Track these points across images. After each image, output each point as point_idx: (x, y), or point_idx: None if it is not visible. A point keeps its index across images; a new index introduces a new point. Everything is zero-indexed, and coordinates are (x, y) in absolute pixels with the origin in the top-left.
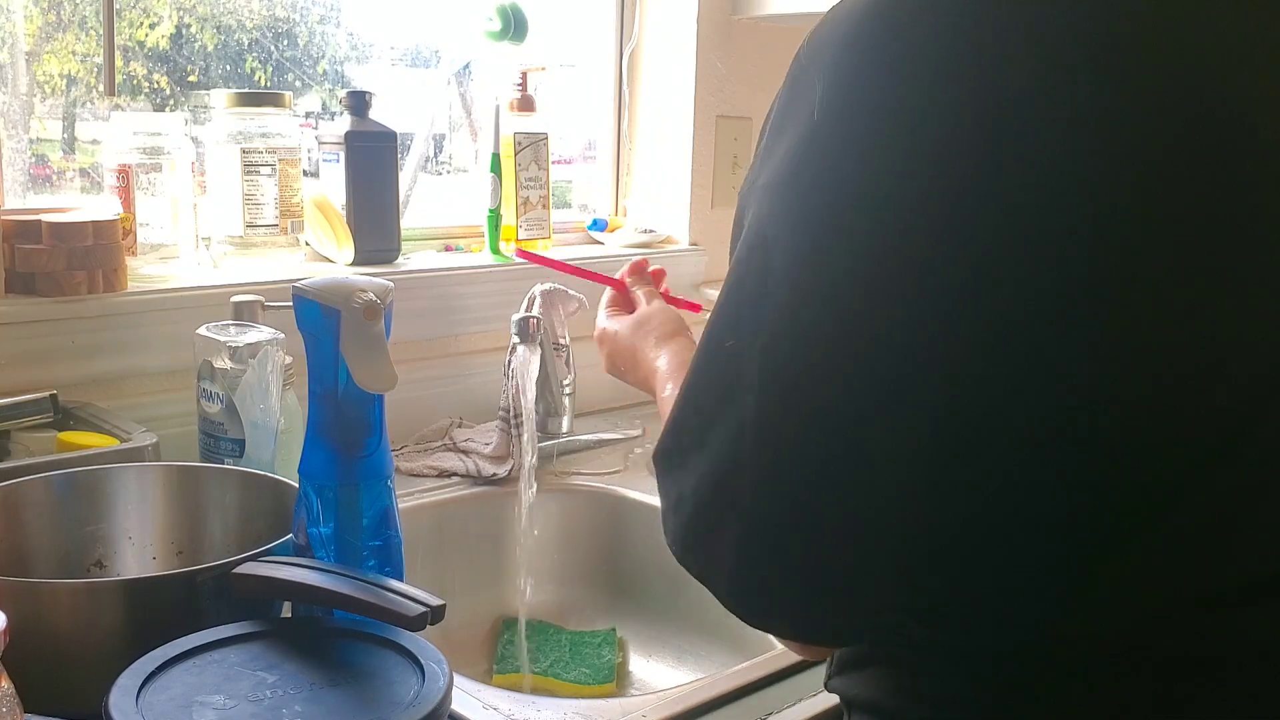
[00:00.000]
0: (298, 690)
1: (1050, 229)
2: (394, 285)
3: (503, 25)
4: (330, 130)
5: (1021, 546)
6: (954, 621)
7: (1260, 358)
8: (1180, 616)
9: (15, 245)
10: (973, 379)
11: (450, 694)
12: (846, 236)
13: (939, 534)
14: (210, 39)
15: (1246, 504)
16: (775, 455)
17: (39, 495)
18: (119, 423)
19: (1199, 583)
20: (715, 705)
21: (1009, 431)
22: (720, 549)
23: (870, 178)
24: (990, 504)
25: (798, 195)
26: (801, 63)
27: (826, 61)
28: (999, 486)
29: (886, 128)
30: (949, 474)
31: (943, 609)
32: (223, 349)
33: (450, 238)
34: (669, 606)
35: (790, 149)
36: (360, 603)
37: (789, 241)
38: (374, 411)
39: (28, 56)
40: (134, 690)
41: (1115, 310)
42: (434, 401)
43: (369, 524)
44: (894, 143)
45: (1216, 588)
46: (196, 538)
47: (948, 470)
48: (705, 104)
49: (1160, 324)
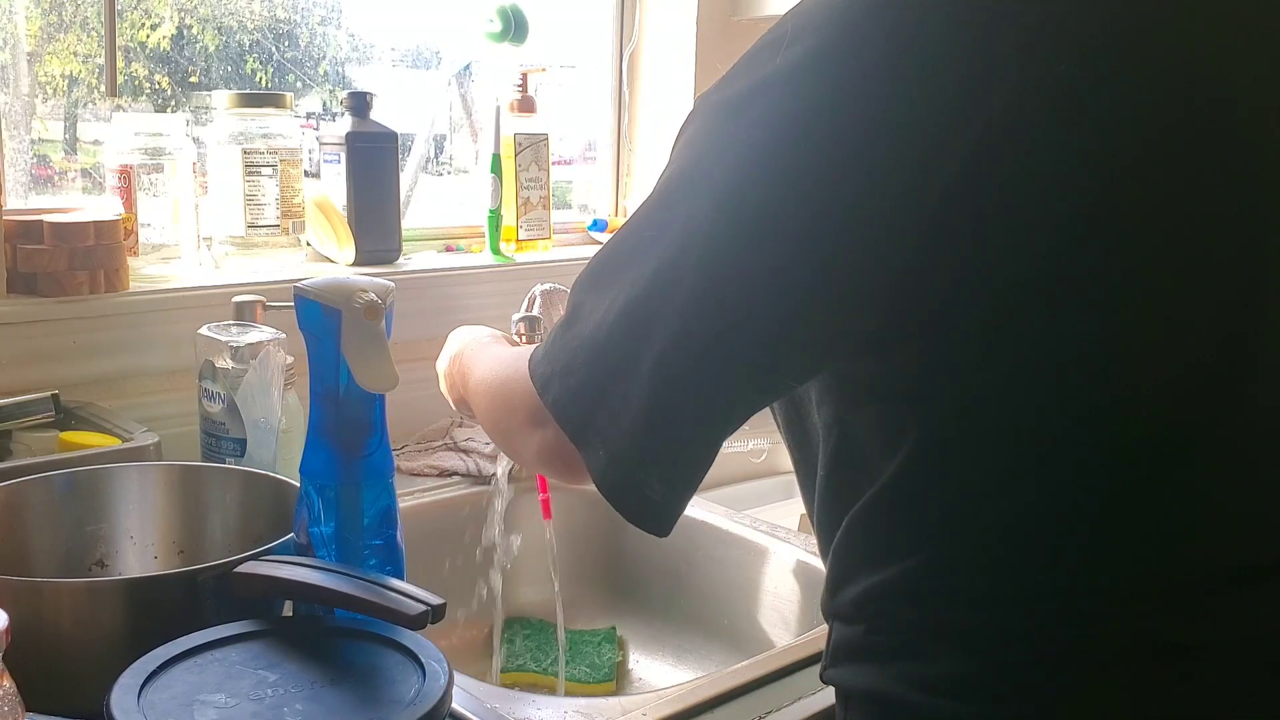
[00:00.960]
0: (299, 689)
1: (1037, 221)
2: (395, 285)
3: (503, 26)
4: (331, 131)
5: (1014, 531)
6: (945, 606)
7: (1243, 349)
8: (1175, 601)
9: (17, 245)
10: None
11: (451, 692)
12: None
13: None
14: (211, 40)
15: (1233, 491)
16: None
17: (40, 495)
18: (120, 422)
19: (1192, 568)
20: (715, 704)
21: (1002, 423)
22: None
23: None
24: (986, 489)
25: (742, 123)
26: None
27: (815, 26)
28: (995, 472)
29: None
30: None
31: (935, 591)
32: (224, 349)
33: (451, 238)
34: (669, 606)
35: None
36: (361, 602)
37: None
38: (375, 411)
39: (29, 57)
40: (135, 689)
41: (1104, 303)
42: (435, 401)
43: (370, 523)
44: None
45: (1209, 573)
46: (198, 537)
47: (946, 464)
48: None
49: (1146, 315)
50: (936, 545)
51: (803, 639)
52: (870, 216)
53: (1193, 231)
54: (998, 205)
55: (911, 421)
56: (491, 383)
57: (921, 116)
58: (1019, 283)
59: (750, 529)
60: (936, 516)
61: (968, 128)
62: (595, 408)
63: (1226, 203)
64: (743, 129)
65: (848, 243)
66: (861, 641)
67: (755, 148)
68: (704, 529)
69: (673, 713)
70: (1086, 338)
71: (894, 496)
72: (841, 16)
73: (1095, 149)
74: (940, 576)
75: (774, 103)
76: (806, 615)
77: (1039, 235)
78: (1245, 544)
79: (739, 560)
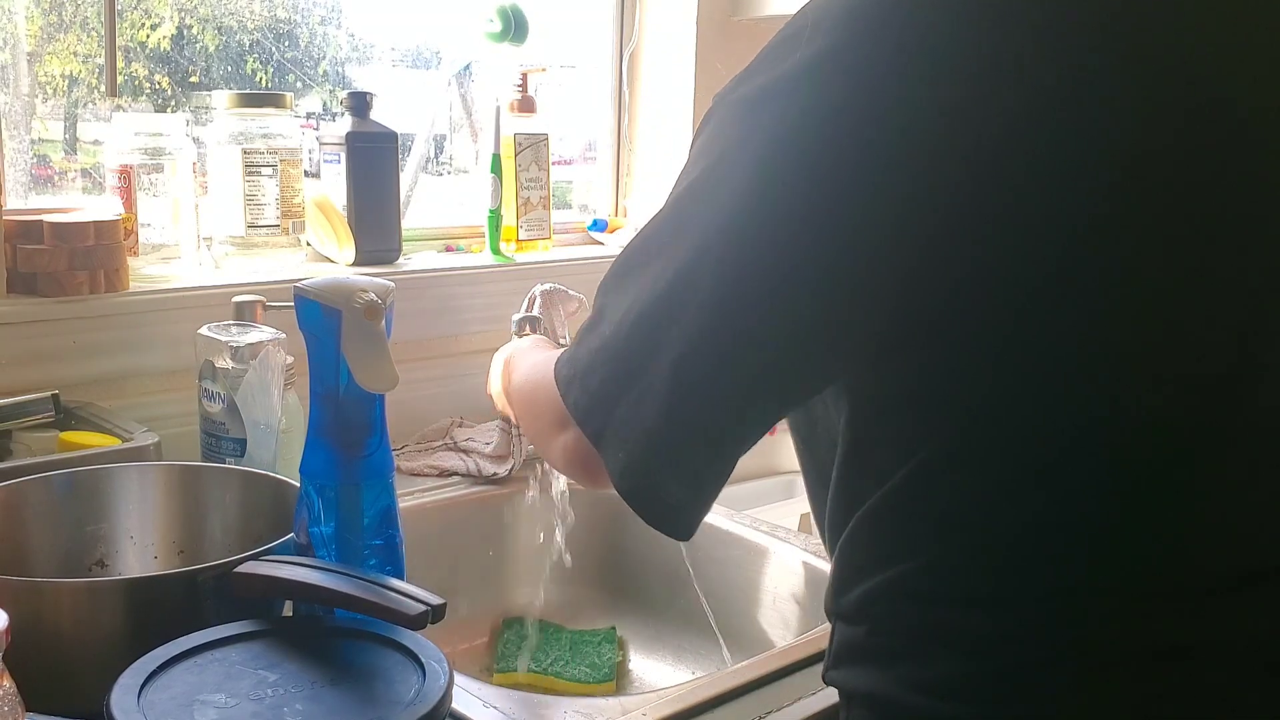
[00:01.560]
0: (299, 689)
1: (1041, 225)
2: (395, 285)
3: (503, 26)
4: (331, 131)
5: (1018, 534)
6: (946, 606)
7: (1245, 351)
8: (1175, 602)
9: (17, 245)
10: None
11: (451, 692)
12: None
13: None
14: (211, 40)
15: (1235, 493)
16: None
17: (40, 495)
18: (120, 422)
19: (1193, 569)
20: (714, 704)
21: (1009, 430)
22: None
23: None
24: (992, 495)
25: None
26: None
27: (833, 20)
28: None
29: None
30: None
31: (936, 592)
32: (224, 349)
33: (451, 238)
34: (669, 606)
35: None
36: (361, 602)
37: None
38: (375, 411)
39: (29, 57)
40: (135, 689)
41: (1108, 307)
42: (434, 401)
43: (370, 523)
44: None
45: (1210, 574)
46: (198, 537)
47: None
48: (705, 104)
49: (1151, 318)
50: (941, 547)
51: (803, 639)
52: (878, 217)
53: (1194, 234)
54: (1001, 209)
55: (921, 431)
56: (523, 387)
57: (931, 117)
58: (1025, 287)
59: (750, 529)
60: (941, 520)
61: (974, 130)
62: (614, 409)
63: (1227, 205)
64: (761, 126)
65: (857, 242)
66: (864, 643)
67: (773, 145)
68: (704, 529)
69: (673, 713)
70: (1092, 342)
71: (899, 501)
72: (854, 14)
73: (1100, 151)
74: (942, 577)
75: (792, 100)
76: (807, 615)
77: (1044, 239)
78: (1246, 546)
79: (739, 560)
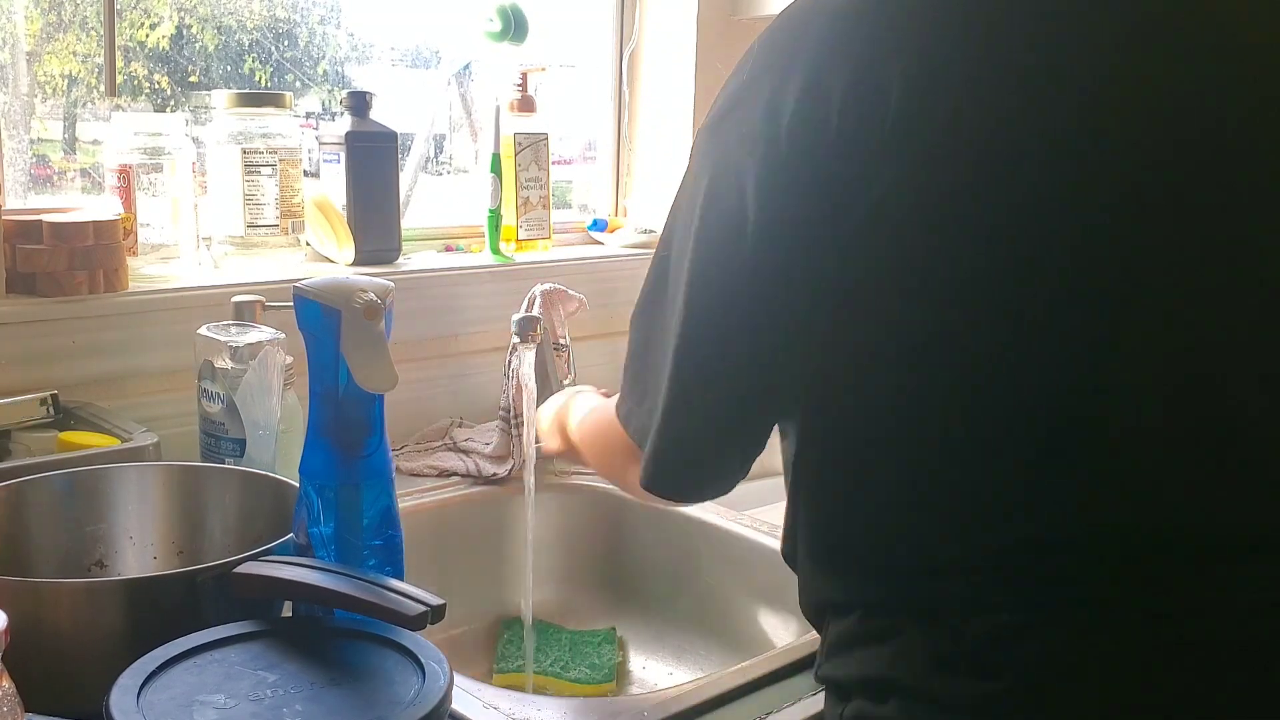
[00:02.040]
0: (298, 689)
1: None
2: (394, 285)
3: (503, 26)
4: (331, 130)
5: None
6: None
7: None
8: (1157, 569)
9: (16, 245)
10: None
11: (450, 693)
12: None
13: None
14: (211, 39)
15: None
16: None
17: (40, 495)
18: (120, 422)
19: (1174, 539)
20: (714, 704)
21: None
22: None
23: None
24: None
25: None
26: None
27: (758, 47)
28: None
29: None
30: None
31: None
32: (223, 349)
33: (450, 238)
34: (669, 606)
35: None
36: (361, 602)
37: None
38: (374, 411)
39: (29, 57)
40: (135, 689)
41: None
42: (434, 401)
43: (369, 523)
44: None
45: (1194, 545)
46: (197, 537)
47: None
48: (705, 104)
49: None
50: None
51: (803, 639)
52: (795, 237)
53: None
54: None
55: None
56: (592, 433)
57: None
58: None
59: (750, 529)
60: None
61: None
62: (639, 406)
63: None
64: (719, 144)
65: (776, 258)
66: (852, 633)
67: (725, 160)
68: (704, 529)
69: (672, 713)
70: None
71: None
72: (766, 46)
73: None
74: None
75: (741, 118)
76: None
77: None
78: (1231, 519)
79: (739, 560)
